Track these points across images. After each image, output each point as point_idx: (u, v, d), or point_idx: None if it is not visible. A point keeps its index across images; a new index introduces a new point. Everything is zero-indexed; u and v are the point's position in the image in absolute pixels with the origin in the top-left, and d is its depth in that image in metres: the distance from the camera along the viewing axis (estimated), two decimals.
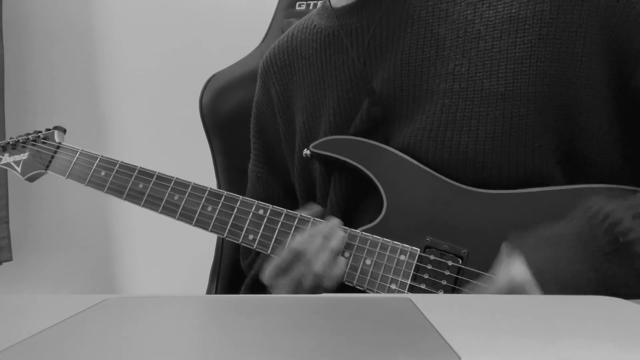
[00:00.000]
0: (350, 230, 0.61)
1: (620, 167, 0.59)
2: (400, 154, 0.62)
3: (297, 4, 1.05)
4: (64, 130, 0.82)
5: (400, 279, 0.58)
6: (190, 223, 0.68)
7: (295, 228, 0.63)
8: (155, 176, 0.70)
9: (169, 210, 0.69)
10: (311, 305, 0.34)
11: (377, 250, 0.59)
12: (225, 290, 0.95)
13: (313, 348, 0.25)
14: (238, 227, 0.66)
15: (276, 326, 0.30)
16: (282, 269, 0.62)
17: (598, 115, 0.57)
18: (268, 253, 0.65)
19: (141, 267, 1.56)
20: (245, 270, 0.80)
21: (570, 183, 0.57)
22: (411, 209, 0.60)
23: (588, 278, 0.46)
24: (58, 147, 0.78)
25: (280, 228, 0.64)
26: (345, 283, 0.60)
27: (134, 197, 0.71)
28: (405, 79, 0.63)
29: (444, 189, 0.59)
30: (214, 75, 1.02)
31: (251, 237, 0.66)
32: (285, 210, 0.64)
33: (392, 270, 0.58)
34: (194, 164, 1.08)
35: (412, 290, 0.57)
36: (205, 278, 0.99)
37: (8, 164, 0.82)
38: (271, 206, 0.65)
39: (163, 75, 1.49)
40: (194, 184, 0.69)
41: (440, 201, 0.59)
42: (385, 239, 0.59)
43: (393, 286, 0.58)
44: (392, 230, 0.60)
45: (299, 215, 0.63)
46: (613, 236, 0.47)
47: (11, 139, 0.83)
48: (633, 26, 0.55)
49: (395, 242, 0.59)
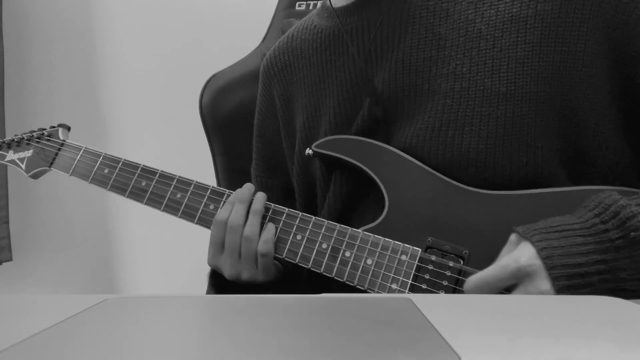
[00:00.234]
0: (351, 230, 0.61)
1: (624, 168, 0.59)
2: (402, 154, 0.62)
3: (297, 4, 1.05)
4: (68, 128, 0.82)
5: (401, 279, 0.58)
6: (192, 221, 0.68)
7: (297, 227, 0.63)
8: (158, 174, 0.70)
9: (171, 208, 0.69)
10: (311, 305, 0.34)
11: (378, 250, 0.59)
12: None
13: (313, 348, 0.25)
14: None
15: (276, 326, 0.30)
16: (216, 244, 0.65)
17: (601, 116, 0.57)
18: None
19: (141, 267, 1.56)
20: None
21: (574, 184, 0.57)
22: (412, 209, 0.60)
23: (597, 269, 0.46)
24: (62, 145, 0.78)
25: (282, 227, 0.64)
26: (346, 283, 0.60)
27: (137, 195, 0.71)
28: (406, 79, 0.63)
29: (445, 189, 0.59)
30: (214, 75, 1.02)
31: None
32: (287, 209, 0.64)
33: (393, 270, 0.58)
34: (193, 164, 1.08)
35: (413, 291, 0.57)
36: (205, 278, 0.99)
37: (12, 161, 0.82)
38: (273, 205, 0.65)
39: (163, 75, 1.49)
40: (197, 182, 0.69)
41: (442, 201, 0.59)
42: (386, 239, 0.59)
43: (394, 286, 0.58)
44: (394, 230, 0.60)
45: (301, 214, 0.63)
46: (625, 230, 0.46)
47: (16, 136, 0.83)
48: (636, 26, 0.55)
49: (396, 242, 0.59)
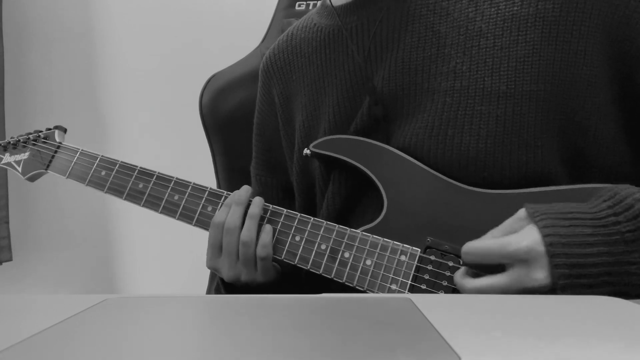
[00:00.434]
0: (350, 230, 0.61)
1: (625, 167, 0.59)
2: (400, 154, 0.62)
3: (297, 4, 1.05)
4: (65, 130, 0.82)
5: (400, 279, 0.58)
6: (190, 223, 0.68)
7: (295, 229, 0.63)
8: (155, 176, 0.70)
9: (169, 210, 0.69)
10: (311, 305, 0.34)
11: (378, 250, 0.59)
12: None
13: (313, 348, 0.25)
14: None
15: (276, 326, 0.30)
16: (214, 246, 0.65)
17: (602, 115, 0.57)
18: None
19: (141, 267, 1.56)
20: None
21: (574, 183, 0.56)
22: (412, 209, 0.60)
23: (603, 260, 0.45)
24: (58, 147, 0.78)
25: (280, 228, 0.64)
26: (346, 283, 0.60)
27: (134, 197, 0.71)
28: (406, 78, 0.63)
29: (444, 189, 0.59)
30: (214, 75, 1.02)
31: None
32: (285, 210, 0.64)
33: (393, 270, 0.58)
34: (193, 164, 1.08)
35: (413, 291, 0.57)
36: (205, 278, 0.99)
37: (9, 164, 0.82)
38: (271, 206, 0.65)
39: (163, 75, 1.49)
40: (194, 183, 0.69)
41: (441, 201, 0.59)
42: (385, 240, 0.59)
43: (393, 286, 0.58)
44: (393, 230, 0.60)
45: (299, 215, 0.63)
46: (637, 224, 0.46)
47: (12, 138, 0.83)
48: (637, 25, 0.55)
49: (395, 243, 0.59)
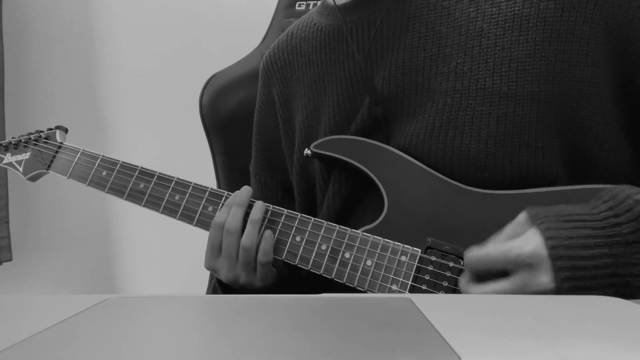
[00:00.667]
0: (351, 230, 0.61)
1: (626, 168, 0.58)
2: (401, 154, 0.62)
3: (297, 4, 1.05)
4: (66, 130, 0.82)
5: (401, 280, 0.58)
6: (191, 223, 0.68)
7: (296, 229, 0.63)
8: (156, 176, 0.70)
9: (170, 210, 0.69)
10: (311, 305, 0.34)
11: (378, 251, 0.59)
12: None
13: (313, 348, 0.25)
14: None
15: (276, 326, 0.30)
16: (213, 247, 0.65)
17: (603, 116, 0.57)
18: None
19: (141, 267, 1.56)
20: None
21: (575, 184, 0.56)
22: (412, 209, 0.60)
23: (604, 262, 0.45)
24: (59, 147, 0.78)
25: (281, 229, 0.64)
26: (346, 284, 0.60)
27: (135, 197, 0.71)
28: (406, 78, 0.63)
29: (445, 189, 0.59)
30: (214, 75, 1.02)
31: None
32: (286, 210, 0.64)
33: (393, 271, 0.58)
34: (193, 164, 1.08)
35: (413, 291, 0.57)
36: (205, 278, 0.99)
37: (10, 164, 0.82)
38: (272, 206, 0.65)
39: (163, 75, 1.49)
40: (195, 184, 0.69)
41: (442, 202, 0.59)
42: (386, 240, 0.59)
43: (394, 287, 0.58)
44: (393, 231, 0.60)
45: (300, 215, 0.63)
46: (638, 225, 0.46)
47: (13, 138, 0.83)
48: (639, 25, 0.55)
49: (396, 243, 0.59)
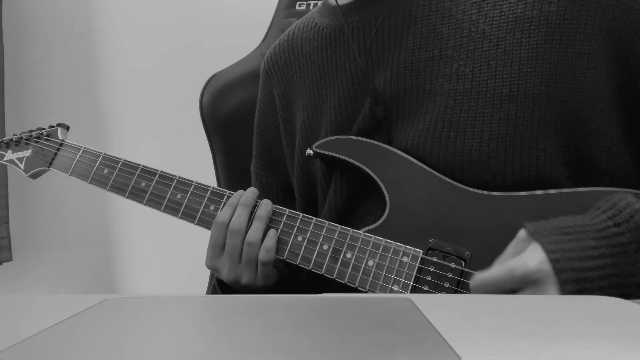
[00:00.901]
0: (352, 231, 0.61)
1: (627, 170, 0.58)
2: (403, 155, 0.62)
3: (297, 4, 1.05)
4: (67, 128, 0.82)
5: (402, 280, 0.57)
6: (192, 222, 0.67)
7: (297, 229, 0.63)
8: (157, 175, 0.70)
9: (172, 209, 0.68)
10: (311, 305, 0.34)
11: (380, 251, 0.59)
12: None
13: (313, 348, 0.25)
14: None
15: (276, 326, 0.30)
16: (215, 246, 0.64)
17: (605, 118, 0.57)
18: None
19: (141, 267, 1.55)
20: None
21: (576, 186, 0.56)
22: (414, 210, 0.60)
23: (608, 273, 0.45)
24: (61, 145, 0.78)
25: (283, 228, 0.64)
26: (348, 284, 0.59)
27: (137, 195, 0.70)
28: (408, 79, 0.63)
29: (447, 190, 0.59)
30: (214, 75, 1.02)
31: None
32: (288, 210, 0.64)
33: (395, 272, 0.58)
34: (193, 164, 1.08)
35: (415, 292, 0.57)
36: (205, 278, 0.99)
37: (11, 161, 0.82)
38: (273, 206, 0.65)
39: (163, 75, 1.49)
40: (197, 182, 0.68)
41: (444, 203, 0.58)
42: (387, 241, 0.59)
43: (395, 288, 0.57)
44: (395, 231, 0.60)
45: (302, 215, 0.63)
46: (638, 235, 0.46)
47: (14, 135, 0.83)
48: None
49: (397, 244, 0.59)
